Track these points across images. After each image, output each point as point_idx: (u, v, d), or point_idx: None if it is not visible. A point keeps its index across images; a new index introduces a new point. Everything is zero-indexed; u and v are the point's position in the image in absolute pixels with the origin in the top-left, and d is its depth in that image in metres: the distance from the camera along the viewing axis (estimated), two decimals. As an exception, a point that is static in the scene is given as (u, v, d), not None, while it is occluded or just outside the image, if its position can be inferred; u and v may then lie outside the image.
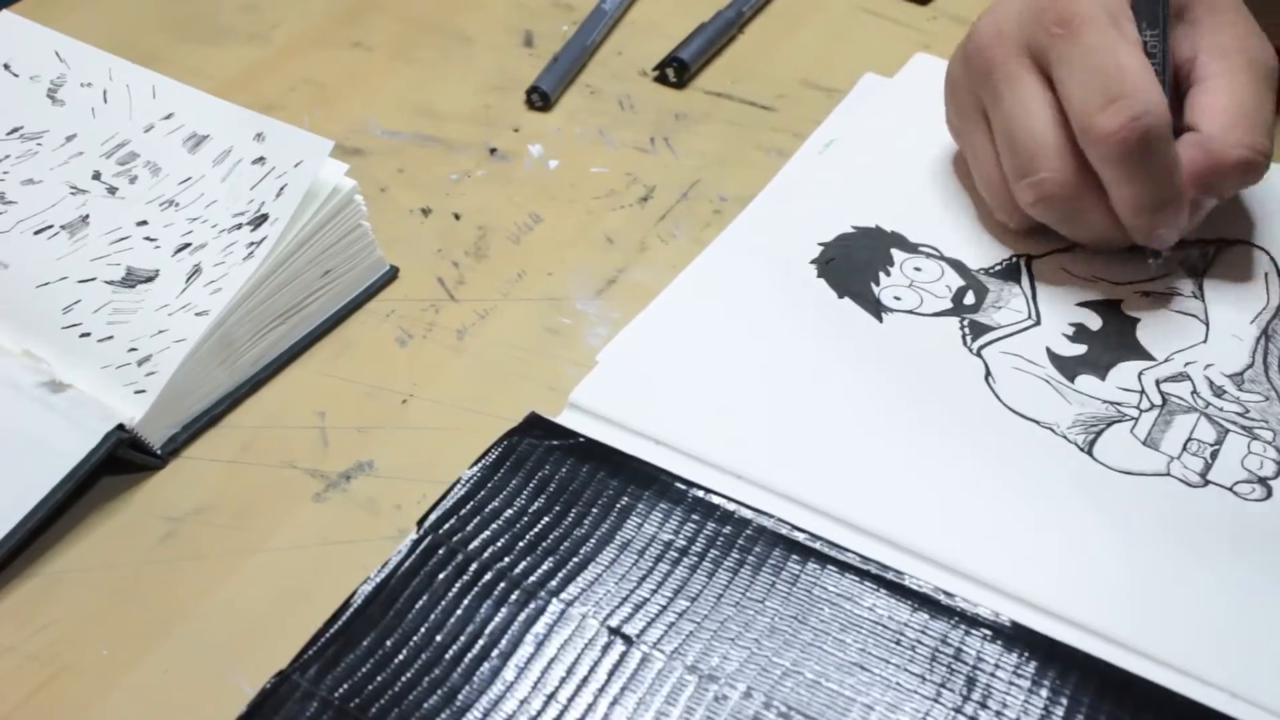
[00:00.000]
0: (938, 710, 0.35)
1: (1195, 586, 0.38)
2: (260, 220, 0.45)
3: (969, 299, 0.47)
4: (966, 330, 0.46)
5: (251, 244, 0.44)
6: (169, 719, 0.36)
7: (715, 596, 0.38)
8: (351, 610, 0.38)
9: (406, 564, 0.39)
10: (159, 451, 0.43)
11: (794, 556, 0.39)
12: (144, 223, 0.46)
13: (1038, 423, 0.43)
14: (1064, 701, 0.35)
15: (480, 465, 0.41)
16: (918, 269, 0.48)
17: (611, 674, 0.36)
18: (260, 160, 0.46)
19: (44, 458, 0.40)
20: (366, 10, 0.64)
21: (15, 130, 0.50)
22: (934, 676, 0.36)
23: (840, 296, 0.47)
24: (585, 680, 0.36)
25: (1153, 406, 0.44)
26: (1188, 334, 0.46)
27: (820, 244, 0.49)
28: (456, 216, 0.53)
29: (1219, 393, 0.44)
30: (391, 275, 0.50)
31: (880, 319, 0.47)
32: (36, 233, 0.46)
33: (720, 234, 0.50)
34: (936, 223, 0.50)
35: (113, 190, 0.47)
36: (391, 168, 0.55)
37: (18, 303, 0.45)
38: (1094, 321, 0.47)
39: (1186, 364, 0.45)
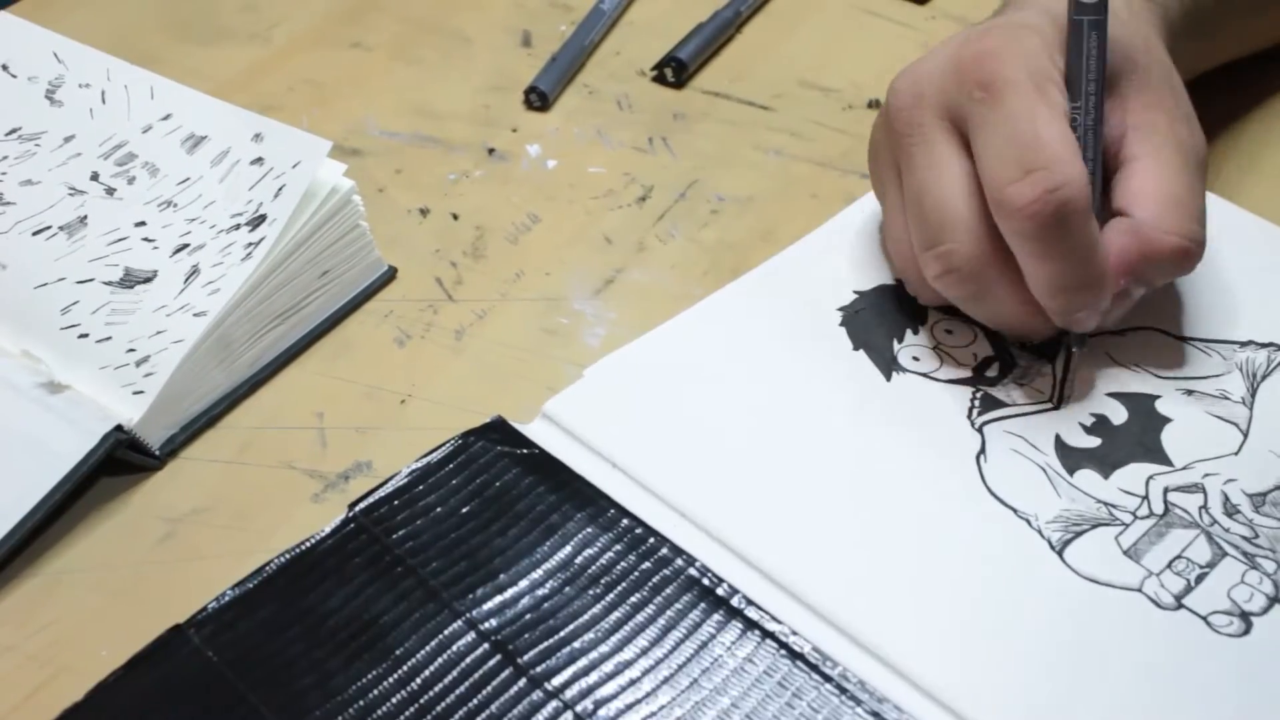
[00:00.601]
0: None
1: (1145, 715, 0.35)
2: (258, 221, 0.45)
3: (992, 371, 0.45)
4: (976, 403, 0.44)
5: (250, 244, 0.45)
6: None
7: (608, 629, 0.37)
8: (261, 578, 0.38)
9: (327, 544, 0.39)
10: (157, 452, 0.43)
11: (702, 604, 0.38)
12: (142, 223, 0.46)
13: (1015, 511, 0.40)
14: None
15: (427, 460, 0.41)
16: (949, 331, 0.46)
17: (485, 690, 0.36)
18: (258, 161, 0.46)
19: (42, 458, 0.40)
20: (365, 11, 0.64)
21: (13, 131, 0.50)
22: None
23: (855, 349, 0.45)
24: (453, 690, 0.36)
25: (1150, 515, 0.40)
26: (1220, 443, 0.42)
27: (856, 291, 0.47)
28: (455, 217, 0.53)
29: (1231, 512, 0.40)
30: (390, 275, 0.50)
31: (889, 377, 0.44)
32: (35, 233, 0.46)
33: (754, 270, 0.48)
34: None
35: (111, 191, 0.47)
36: (390, 168, 0.55)
37: (16, 303, 0.45)
38: (1119, 415, 0.43)
39: (1205, 475, 0.41)
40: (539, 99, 0.58)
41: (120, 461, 0.42)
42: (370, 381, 0.46)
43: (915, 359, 0.45)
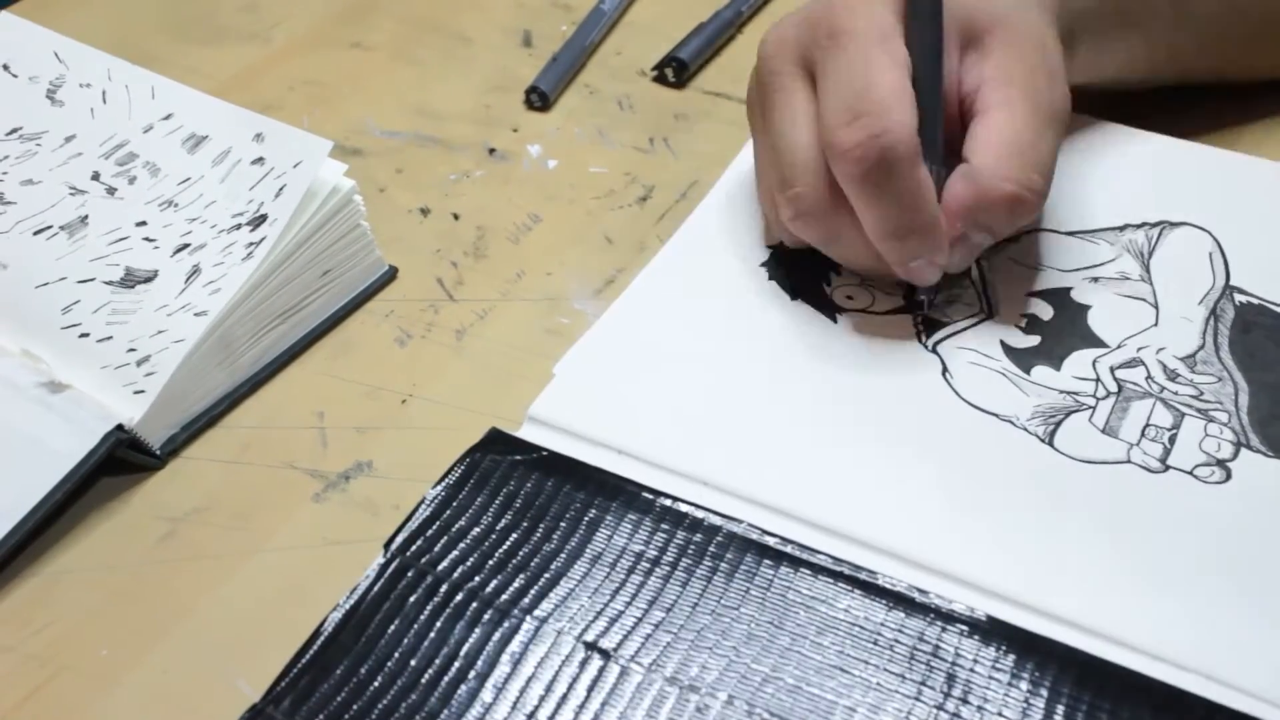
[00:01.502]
0: (919, 708, 0.35)
1: (1162, 573, 0.38)
2: (259, 220, 0.45)
3: (921, 295, 0.47)
4: (921, 327, 0.46)
5: (251, 244, 0.45)
6: (168, 719, 0.36)
7: (690, 605, 0.38)
8: (323, 638, 0.37)
9: (376, 588, 0.38)
10: (158, 452, 0.43)
11: (766, 561, 0.39)
12: (143, 223, 0.46)
13: (998, 416, 0.43)
14: (1044, 693, 0.35)
15: (444, 484, 0.41)
16: None
17: (591, 690, 0.36)
18: (259, 161, 0.46)
19: (43, 458, 0.40)
20: (366, 11, 0.64)
21: (14, 131, 0.50)
22: (914, 675, 0.36)
23: (793, 299, 0.47)
24: (565, 698, 0.36)
25: (1109, 394, 0.44)
26: (1138, 318, 0.46)
27: (769, 247, 0.49)
28: (455, 217, 0.53)
29: (1172, 376, 0.44)
30: (390, 275, 0.50)
31: (834, 319, 0.46)
32: (36, 233, 0.46)
33: (668, 242, 0.50)
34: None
35: (112, 191, 0.47)
36: (390, 168, 0.55)
37: (17, 303, 0.45)
38: (1045, 311, 0.46)
39: (1139, 349, 0.45)
40: (540, 99, 0.58)
41: (121, 461, 0.42)
42: (371, 381, 0.46)
43: (849, 298, 0.47)
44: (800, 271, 0.48)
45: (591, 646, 0.37)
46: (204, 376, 0.44)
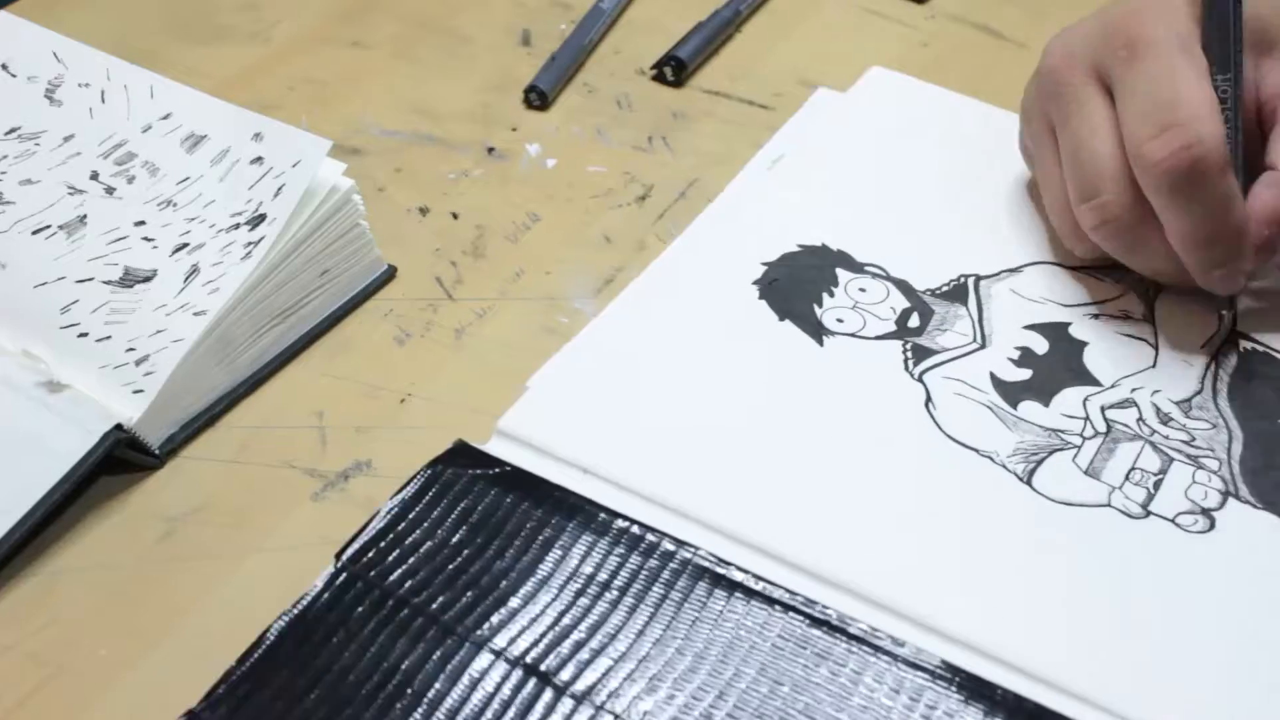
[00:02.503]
0: None
1: (1133, 623, 0.37)
2: (258, 220, 0.45)
3: (913, 321, 0.46)
4: (909, 354, 0.45)
5: (249, 244, 0.45)
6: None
7: (636, 633, 0.37)
8: (265, 647, 0.37)
9: (323, 598, 0.38)
10: (157, 451, 0.43)
11: (718, 591, 0.38)
12: (142, 223, 0.46)
13: (977, 451, 0.42)
14: None
15: (402, 496, 0.40)
16: (862, 290, 0.47)
17: (525, 715, 0.35)
18: (258, 160, 0.46)
19: (42, 458, 0.40)
20: (365, 10, 0.64)
21: (13, 130, 0.50)
22: (865, 717, 0.35)
23: (781, 319, 0.46)
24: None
25: (1096, 434, 0.43)
26: (1136, 359, 0.45)
27: (764, 264, 0.48)
28: (454, 216, 0.53)
29: (1165, 420, 0.43)
30: (389, 275, 0.50)
31: (821, 342, 0.45)
32: (34, 233, 0.46)
33: (660, 255, 0.49)
34: (884, 242, 0.49)
35: (110, 190, 0.47)
36: (389, 167, 0.55)
37: (15, 303, 0.45)
38: (1040, 345, 0.46)
39: (1133, 390, 0.44)
40: (539, 98, 0.58)
41: (120, 460, 0.42)
42: (370, 380, 0.46)
43: (839, 320, 0.46)
44: (792, 291, 0.47)
45: (531, 670, 0.36)
46: (203, 376, 0.44)
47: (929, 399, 0.44)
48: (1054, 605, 0.38)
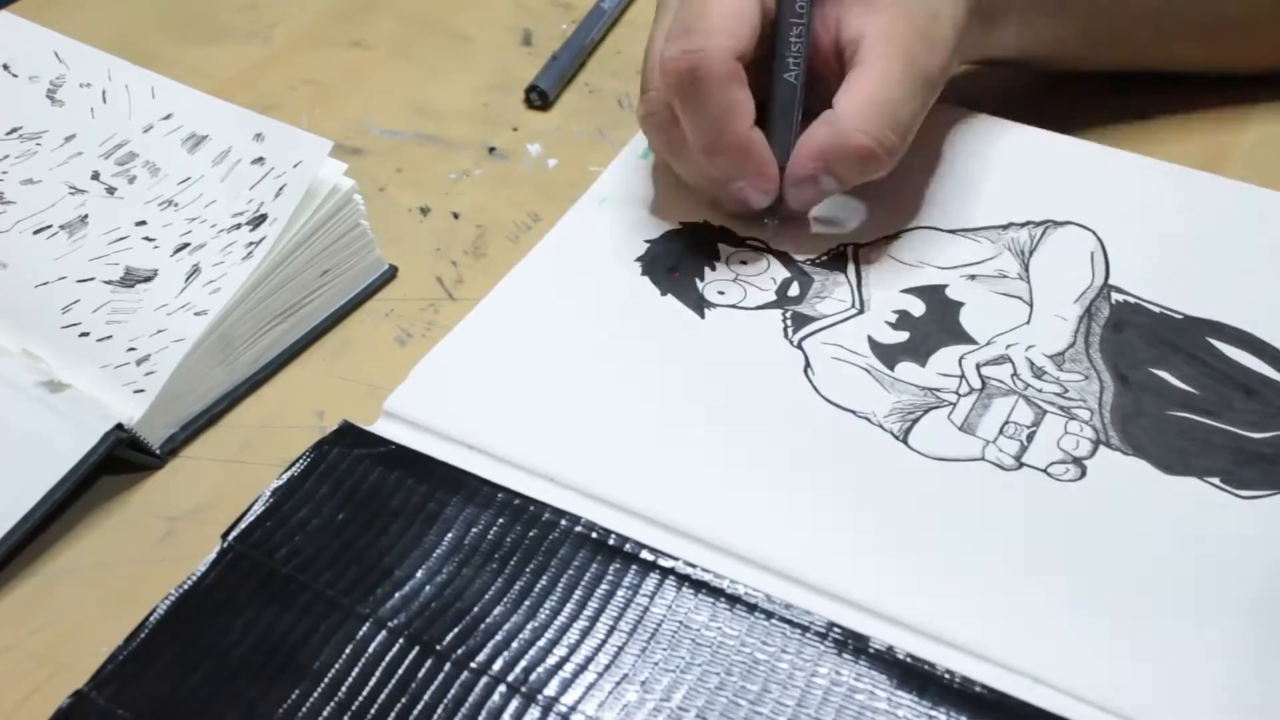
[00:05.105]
0: (755, 711, 0.35)
1: (999, 572, 0.38)
2: (259, 220, 0.45)
3: (793, 290, 0.47)
4: (788, 322, 0.46)
5: (250, 244, 0.45)
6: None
7: (515, 600, 0.37)
8: (150, 626, 0.37)
9: (211, 577, 0.38)
10: (158, 451, 0.43)
11: (598, 557, 0.38)
12: (143, 223, 0.46)
13: (854, 413, 0.43)
14: (861, 695, 0.35)
15: (289, 475, 0.41)
16: (743, 262, 0.48)
17: (412, 684, 0.35)
18: (259, 160, 0.46)
19: (43, 457, 0.40)
20: (365, 9, 0.64)
21: (14, 130, 0.50)
22: (750, 681, 0.35)
23: (664, 294, 0.47)
24: (386, 692, 0.35)
25: (971, 391, 0.43)
26: (1011, 316, 0.46)
27: (647, 241, 0.49)
28: (455, 216, 0.53)
29: (1039, 374, 0.44)
30: (390, 275, 0.50)
31: (702, 314, 0.46)
32: (35, 232, 0.46)
33: (544, 237, 0.50)
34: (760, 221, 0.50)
35: (112, 190, 0.47)
36: (390, 167, 0.55)
37: (17, 302, 0.45)
38: (917, 307, 0.46)
39: (1008, 346, 0.45)
40: (540, 98, 0.58)
41: (120, 460, 0.42)
42: (371, 380, 0.46)
43: (721, 293, 0.47)
44: (674, 265, 0.48)
45: (415, 640, 0.36)
46: (204, 375, 0.44)
47: (808, 364, 0.44)
48: (931, 559, 0.38)
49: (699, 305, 0.47)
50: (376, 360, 0.47)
